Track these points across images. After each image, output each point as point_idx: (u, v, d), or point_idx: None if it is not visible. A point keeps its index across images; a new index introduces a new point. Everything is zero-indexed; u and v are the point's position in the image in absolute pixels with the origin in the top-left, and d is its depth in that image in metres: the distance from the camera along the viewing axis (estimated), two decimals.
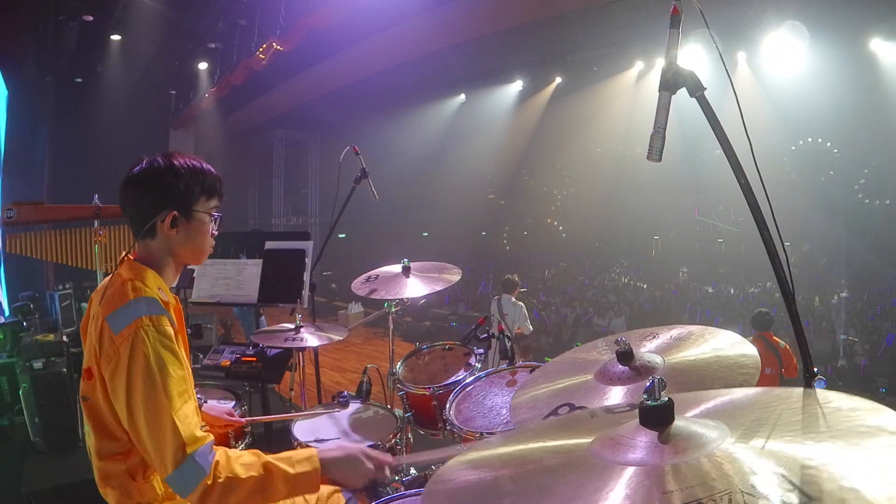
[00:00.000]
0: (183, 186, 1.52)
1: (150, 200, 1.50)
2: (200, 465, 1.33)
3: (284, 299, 3.60)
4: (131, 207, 1.53)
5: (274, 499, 1.42)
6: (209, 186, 1.57)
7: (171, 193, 1.51)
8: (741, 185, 1.31)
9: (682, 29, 1.34)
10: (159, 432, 1.33)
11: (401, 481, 2.38)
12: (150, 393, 1.35)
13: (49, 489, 2.81)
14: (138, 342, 1.37)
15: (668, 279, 16.55)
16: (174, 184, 1.51)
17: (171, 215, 1.51)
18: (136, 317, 1.39)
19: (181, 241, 1.55)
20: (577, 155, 19.32)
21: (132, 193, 1.52)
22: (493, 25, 9.80)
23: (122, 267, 1.53)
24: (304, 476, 1.44)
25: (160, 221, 1.51)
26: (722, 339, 1.45)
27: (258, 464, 1.40)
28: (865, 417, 0.81)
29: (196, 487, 1.32)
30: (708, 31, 1.42)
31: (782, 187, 14.65)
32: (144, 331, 1.38)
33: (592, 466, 0.85)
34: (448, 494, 0.92)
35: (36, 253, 4.41)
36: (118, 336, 1.38)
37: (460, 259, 15.82)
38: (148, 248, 1.55)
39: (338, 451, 1.55)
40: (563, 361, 1.67)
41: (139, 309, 1.41)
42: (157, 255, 1.56)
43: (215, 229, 1.63)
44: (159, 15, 9.55)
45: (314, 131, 17.55)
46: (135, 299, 1.42)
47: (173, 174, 1.51)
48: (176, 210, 1.51)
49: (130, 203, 1.53)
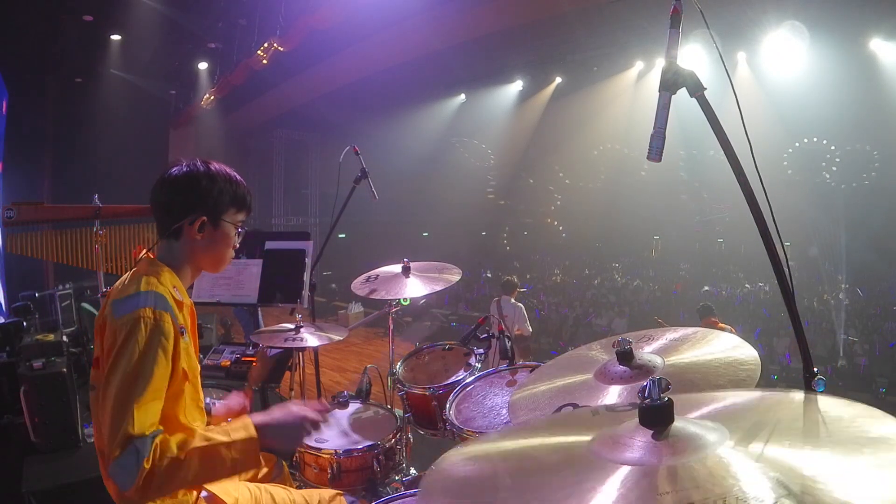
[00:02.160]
0: (216, 193, 1.55)
1: (182, 202, 1.53)
2: (140, 451, 1.30)
3: (284, 299, 3.60)
4: (162, 206, 1.55)
5: (219, 473, 1.40)
6: (240, 198, 1.61)
7: (204, 199, 1.54)
8: (741, 186, 1.31)
9: (682, 29, 1.34)
10: (120, 419, 1.31)
11: (401, 481, 2.38)
12: (127, 380, 1.34)
13: (49, 489, 2.81)
14: (135, 331, 1.38)
15: (669, 279, 16.55)
16: (209, 189, 1.54)
17: (201, 220, 1.54)
18: (139, 307, 1.40)
19: (203, 247, 1.58)
20: (577, 155, 19.32)
21: (166, 193, 1.55)
22: (493, 25, 9.81)
23: (141, 264, 1.55)
24: (242, 444, 1.41)
25: (188, 224, 1.54)
26: (721, 340, 1.45)
27: (195, 438, 1.38)
28: (867, 427, 0.80)
29: (136, 475, 1.29)
30: (708, 31, 1.42)
31: (782, 187, 14.66)
32: (144, 322, 1.39)
33: (590, 464, 0.85)
34: (445, 486, 0.92)
35: (36, 253, 4.40)
36: (118, 320, 1.40)
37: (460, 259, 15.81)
38: (170, 249, 1.57)
39: (272, 416, 1.50)
40: (561, 361, 1.68)
41: (146, 300, 1.42)
42: (177, 257, 1.58)
43: (237, 242, 1.65)
44: (159, 15, 9.56)
45: (314, 131, 17.56)
46: (144, 291, 1.44)
47: (210, 179, 1.55)
48: (206, 215, 1.54)
49: (162, 202, 1.55)
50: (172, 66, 12.04)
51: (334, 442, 2.33)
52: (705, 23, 1.40)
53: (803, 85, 11.16)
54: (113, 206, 4.07)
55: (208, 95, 11.61)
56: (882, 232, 15.01)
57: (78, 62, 10.46)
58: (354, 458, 2.26)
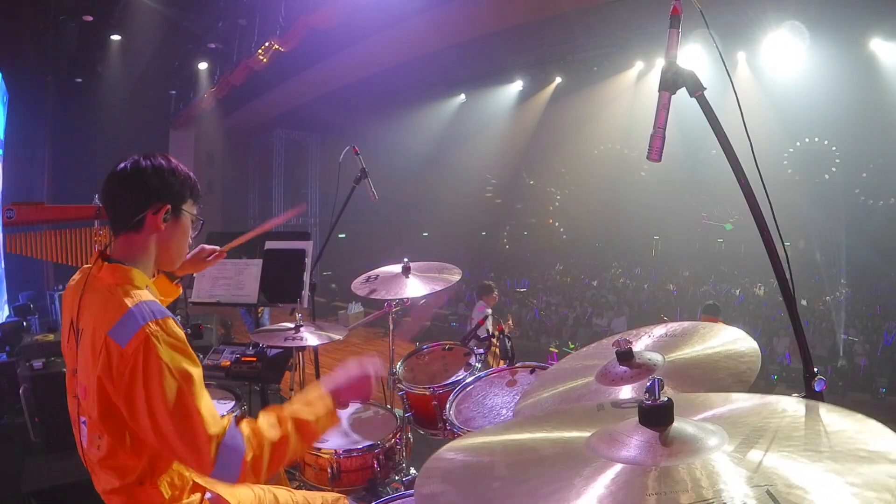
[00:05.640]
0: (178, 184, 1.54)
1: (145, 194, 1.49)
2: (234, 448, 1.34)
3: (284, 299, 3.60)
4: (120, 200, 1.50)
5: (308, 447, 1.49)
6: (196, 191, 1.61)
7: (168, 188, 1.52)
8: (741, 185, 1.31)
9: (682, 29, 1.34)
10: (192, 435, 1.32)
11: (401, 481, 2.38)
12: (173, 399, 1.31)
13: (49, 489, 2.81)
14: (151, 351, 1.32)
15: (669, 279, 16.54)
16: (172, 181, 1.52)
17: (165, 208, 1.50)
18: (141, 324, 1.34)
19: (165, 239, 1.54)
20: (576, 155, 19.32)
21: (126, 186, 1.49)
22: (493, 25, 9.81)
23: (103, 270, 1.47)
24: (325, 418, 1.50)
25: (152, 213, 1.49)
26: (721, 335, 1.45)
27: (282, 419, 1.44)
28: (868, 441, 0.78)
29: (240, 470, 1.34)
30: (708, 31, 1.41)
31: (782, 187, 14.65)
32: (155, 337, 1.33)
33: (586, 460, 0.86)
34: (443, 472, 0.93)
35: (36, 253, 4.40)
36: (126, 348, 1.32)
37: (460, 259, 15.83)
38: (130, 244, 1.51)
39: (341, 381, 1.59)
40: (561, 366, 1.68)
41: (143, 315, 1.36)
42: (138, 251, 1.51)
43: (193, 235, 1.66)
44: (159, 15, 9.55)
45: (314, 131, 17.55)
46: (135, 306, 1.37)
47: (171, 170, 1.53)
48: (169, 204, 1.52)
49: (120, 195, 1.49)
50: (172, 66, 12.03)
51: (334, 442, 2.33)
52: (705, 23, 1.40)
53: (803, 85, 11.16)
54: None
55: (208, 95, 11.61)
56: (882, 232, 15.00)
57: (78, 62, 10.46)
58: (354, 458, 2.26)
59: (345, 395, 1.58)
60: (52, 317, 7.55)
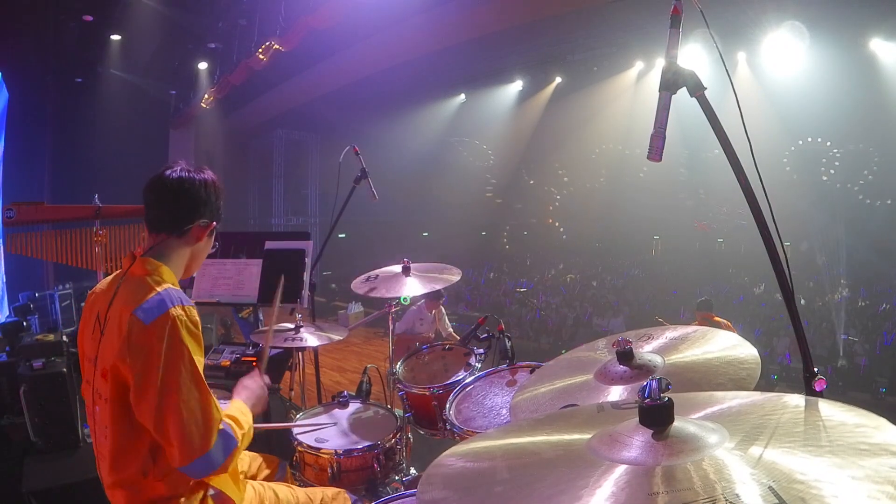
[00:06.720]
0: (219, 203, 1.65)
1: (192, 206, 1.58)
2: (230, 436, 1.47)
3: (284, 299, 3.60)
4: (167, 205, 1.57)
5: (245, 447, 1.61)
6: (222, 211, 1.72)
7: (212, 206, 1.63)
8: (741, 185, 1.31)
9: (682, 29, 1.34)
10: (205, 416, 1.42)
11: (401, 481, 2.38)
12: (191, 381, 1.40)
13: (49, 489, 2.81)
14: (176, 332, 1.39)
15: (669, 279, 16.53)
16: (217, 198, 1.63)
17: (212, 226, 1.63)
18: (168, 307, 1.42)
19: (199, 250, 1.65)
20: (576, 155, 19.30)
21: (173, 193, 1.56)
22: (493, 25, 9.80)
23: (136, 264, 1.54)
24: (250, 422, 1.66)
25: (200, 226, 1.58)
26: (721, 339, 1.45)
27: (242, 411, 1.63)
28: (868, 434, 0.79)
29: (230, 456, 1.46)
30: (708, 31, 1.41)
31: (782, 187, 14.63)
32: (179, 320, 1.41)
33: (587, 462, 0.86)
34: (445, 478, 0.93)
35: (36, 253, 4.40)
36: (150, 325, 1.39)
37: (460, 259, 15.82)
38: (168, 245, 1.58)
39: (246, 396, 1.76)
40: (561, 363, 1.68)
41: (171, 299, 1.44)
42: (175, 253, 1.59)
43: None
44: (159, 15, 9.57)
45: (314, 131, 17.54)
46: (164, 290, 1.45)
47: (216, 188, 1.63)
48: (215, 221, 1.63)
49: (167, 202, 1.57)
50: (172, 66, 12.04)
51: (334, 442, 2.33)
52: (705, 23, 1.40)
53: (803, 85, 11.14)
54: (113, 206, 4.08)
55: (208, 95, 11.61)
56: (882, 232, 15.00)
57: (78, 62, 10.47)
58: (354, 458, 2.26)
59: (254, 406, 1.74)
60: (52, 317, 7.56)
